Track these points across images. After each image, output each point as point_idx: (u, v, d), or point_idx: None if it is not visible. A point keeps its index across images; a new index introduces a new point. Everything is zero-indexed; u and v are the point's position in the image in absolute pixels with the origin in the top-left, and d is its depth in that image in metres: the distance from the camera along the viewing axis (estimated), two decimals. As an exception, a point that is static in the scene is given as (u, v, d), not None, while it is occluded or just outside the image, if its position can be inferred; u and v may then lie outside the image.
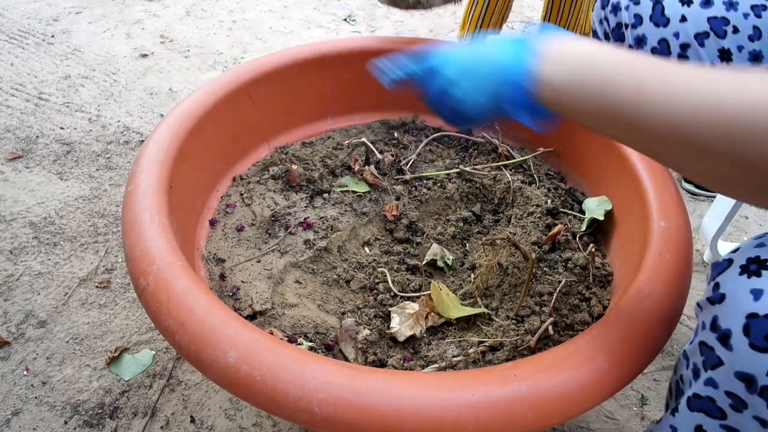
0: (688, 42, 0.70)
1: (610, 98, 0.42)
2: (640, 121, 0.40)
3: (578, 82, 0.44)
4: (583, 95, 0.44)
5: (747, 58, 0.67)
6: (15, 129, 1.38)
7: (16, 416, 0.83)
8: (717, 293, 0.43)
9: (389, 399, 0.43)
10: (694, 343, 0.46)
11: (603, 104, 0.43)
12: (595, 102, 0.43)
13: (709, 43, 0.69)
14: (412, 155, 0.89)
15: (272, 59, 0.85)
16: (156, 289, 0.50)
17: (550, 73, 0.46)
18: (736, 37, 0.67)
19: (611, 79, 0.42)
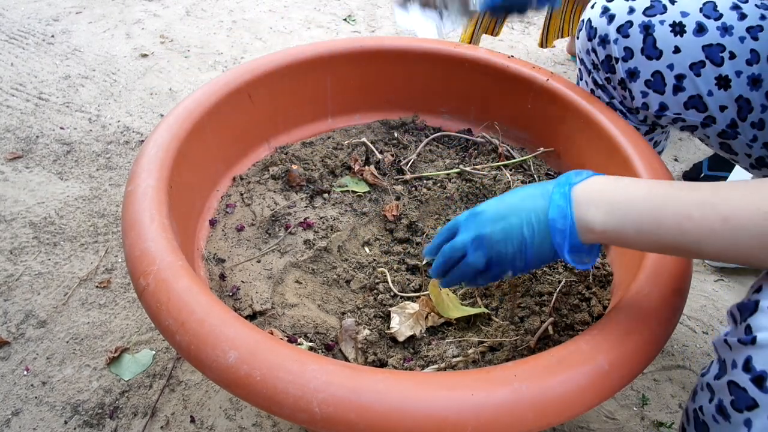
0: (683, 73, 0.69)
1: (656, 240, 0.45)
2: (690, 251, 0.44)
3: (619, 225, 0.46)
4: (626, 236, 0.46)
5: (746, 83, 0.66)
6: (15, 129, 1.38)
7: (16, 416, 0.83)
8: (749, 336, 0.43)
9: (389, 399, 0.43)
10: (722, 381, 0.46)
11: (649, 243, 0.46)
12: (640, 241, 0.46)
13: (705, 72, 0.68)
14: (412, 155, 0.89)
15: (272, 59, 0.85)
16: (156, 289, 0.50)
17: (590, 217, 0.47)
18: (734, 63, 0.66)
19: (653, 221, 0.45)
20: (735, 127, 0.70)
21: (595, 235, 0.47)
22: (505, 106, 0.92)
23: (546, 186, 0.51)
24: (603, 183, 0.48)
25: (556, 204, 0.48)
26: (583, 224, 0.47)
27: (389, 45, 0.92)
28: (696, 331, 1.04)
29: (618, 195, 0.47)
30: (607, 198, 0.47)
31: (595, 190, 0.48)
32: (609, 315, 0.52)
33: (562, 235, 0.48)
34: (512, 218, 0.51)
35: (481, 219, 0.53)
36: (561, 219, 0.48)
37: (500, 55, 0.91)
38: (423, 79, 0.94)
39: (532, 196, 0.51)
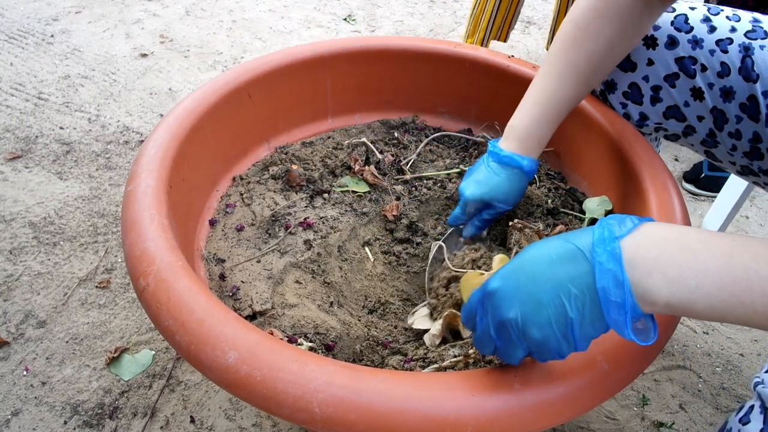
0: (659, 84, 0.70)
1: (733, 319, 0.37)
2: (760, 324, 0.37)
3: (688, 299, 0.37)
4: (695, 311, 0.38)
5: (718, 95, 0.67)
6: (14, 129, 1.38)
7: (16, 416, 0.83)
8: None
9: (389, 399, 0.43)
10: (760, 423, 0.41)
11: (724, 320, 0.38)
12: (712, 317, 0.38)
13: (680, 84, 0.69)
14: (412, 155, 0.89)
15: (272, 59, 0.85)
16: (156, 289, 0.50)
17: (651, 287, 0.37)
18: (706, 75, 0.67)
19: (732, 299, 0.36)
20: (714, 137, 0.71)
21: (657, 308, 0.38)
22: (505, 106, 0.91)
23: (579, 240, 0.40)
24: (662, 238, 0.38)
25: (605, 268, 0.38)
26: (641, 294, 0.37)
27: (389, 45, 0.92)
28: (696, 331, 1.04)
29: (687, 261, 0.37)
30: (672, 262, 0.37)
31: (653, 248, 0.38)
32: (609, 315, 0.52)
33: (621, 309, 0.38)
34: (542, 294, 0.39)
35: (499, 301, 0.41)
36: (616, 289, 0.37)
37: (500, 55, 0.91)
38: (423, 79, 0.94)
39: (565, 257, 0.39)
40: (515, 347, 0.42)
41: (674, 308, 0.38)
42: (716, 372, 0.97)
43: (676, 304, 0.37)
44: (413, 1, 2.17)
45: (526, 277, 0.40)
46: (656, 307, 0.38)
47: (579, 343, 0.40)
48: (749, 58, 0.64)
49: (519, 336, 0.41)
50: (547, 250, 0.41)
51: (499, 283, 0.41)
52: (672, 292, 0.37)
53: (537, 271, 0.40)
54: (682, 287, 0.37)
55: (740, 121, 0.67)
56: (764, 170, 0.70)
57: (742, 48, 0.65)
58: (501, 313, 0.41)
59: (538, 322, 0.40)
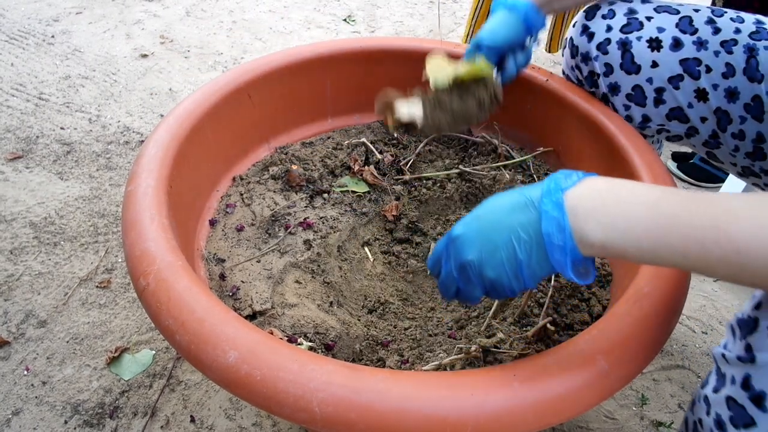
0: (663, 86, 0.70)
1: (660, 260, 0.41)
2: (696, 271, 0.41)
3: (620, 242, 0.41)
4: (627, 254, 0.42)
5: (723, 96, 0.67)
6: (15, 129, 1.38)
7: (17, 416, 0.83)
8: (750, 354, 0.42)
9: (389, 399, 0.43)
10: (720, 395, 0.45)
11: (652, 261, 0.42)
12: (642, 259, 0.42)
13: (683, 85, 0.69)
14: (412, 155, 0.89)
15: (272, 59, 0.85)
16: (156, 289, 0.50)
17: (588, 232, 0.42)
18: (710, 76, 0.67)
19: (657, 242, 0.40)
20: (717, 138, 0.71)
21: (594, 250, 0.42)
22: (505, 106, 0.92)
23: (530, 193, 0.45)
24: (600, 190, 0.43)
25: (550, 215, 0.42)
26: (580, 238, 0.42)
27: (389, 45, 0.92)
28: (695, 331, 1.04)
29: (618, 208, 0.41)
30: (606, 210, 0.42)
31: (591, 198, 0.42)
32: (608, 315, 0.53)
33: (562, 251, 0.42)
34: (497, 238, 0.44)
35: (461, 245, 0.46)
36: (558, 233, 0.42)
37: (500, 55, 0.91)
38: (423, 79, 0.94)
39: (516, 207, 0.45)
40: (474, 287, 0.47)
41: (609, 251, 0.42)
42: (716, 372, 0.97)
43: (609, 246, 0.42)
44: (413, 2, 2.17)
45: (485, 224, 0.46)
46: (593, 249, 0.42)
47: (527, 281, 0.45)
48: (754, 59, 0.65)
49: (477, 276, 0.46)
50: (504, 200, 0.46)
51: (462, 230, 0.47)
52: (605, 236, 0.41)
53: (494, 218, 0.45)
54: (613, 232, 0.41)
55: (744, 122, 0.67)
56: (765, 170, 0.70)
57: (746, 49, 0.65)
58: (462, 256, 0.46)
59: (493, 263, 0.45)
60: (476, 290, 0.47)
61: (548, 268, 0.44)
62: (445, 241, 0.48)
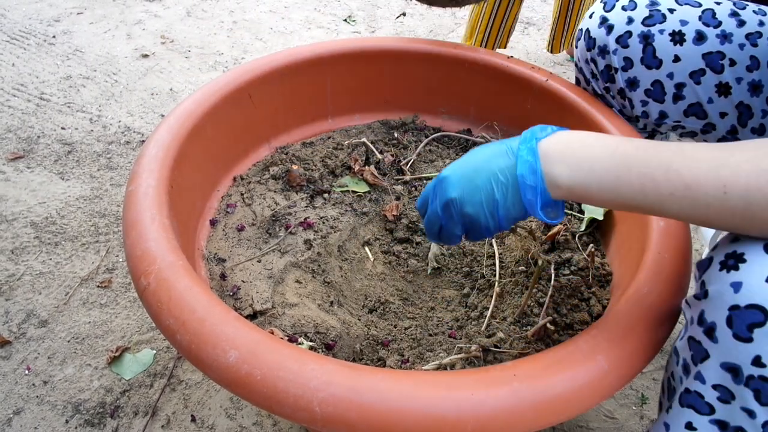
0: (684, 82, 0.69)
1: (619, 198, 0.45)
2: (652, 211, 0.45)
3: (584, 182, 0.46)
4: (590, 194, 0.46)
5: (747, 89, 0.66)
6: (16, 129, 1.38)
7: (18, 415, 0.83)
8: (702, 290, 0.44)
9: (389, 398, 0.43)
10: (684, 339, 0.47)
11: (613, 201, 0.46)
12: (604, 199, 0.46)
13: (705, 80, 0.68)
14: (412, 155, 0.89)
15: (272, 59, 0.85)
16: (157, 289, 0.50)
17: (556, 173, 0.46)
18: (734, 70, 0.66)
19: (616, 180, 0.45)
20: (735, 133, 0.70)
21: (562, 192, 0.47)
22: (505, 106, 0.92)
23: (510, 142, 0.50)
24: (569, 138, 0.48)
25: (524, 160, 0.47)
26: (550, 180, 0.47)
27: (389, 45, 0.93)
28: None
29: (583, 152, 0.46)
30: (573, 154, 0.46)
31: (561, 144, 0.47)
32: (608, 315, 0.53)
33: (534, 191, 0.47)
34: (478, 179, 0.50)
35: (446, 185, 0.52)
36: (531, 175, 0.47)
37: (500, 55, 0.91)
38: (423, 79, 0.95)
39: (497, 154, 0.50)
40: (455, 224, 0.52)
41: (575, 191, 0.46)
42: (716, 371, 0.97)
43: (575, 186, 0.46)
44: (413, 2, 2.17)
45: (469, 167, 0.51)
46: (562, 191, 0.47)
47: (502, 221, 0.50)
48: None
49: (458, 213, 0.51)
50: (488, 149, 0.51)
51: (448, 172, 0.52)
52: (571, 176, 0.46)
53: (477, 163, 0.51)
54: (578, 172, 0.46)
55: (765, 116, 0.66)
56: None
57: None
58: (446, 194, 0.51)
59: (472, 202, 0.50)
60: (456, 228, 0.52)
61: (521, 209, 0.49)
62: (434, 183, 0.54)
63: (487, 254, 0.76)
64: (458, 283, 0.75)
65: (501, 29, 1.47)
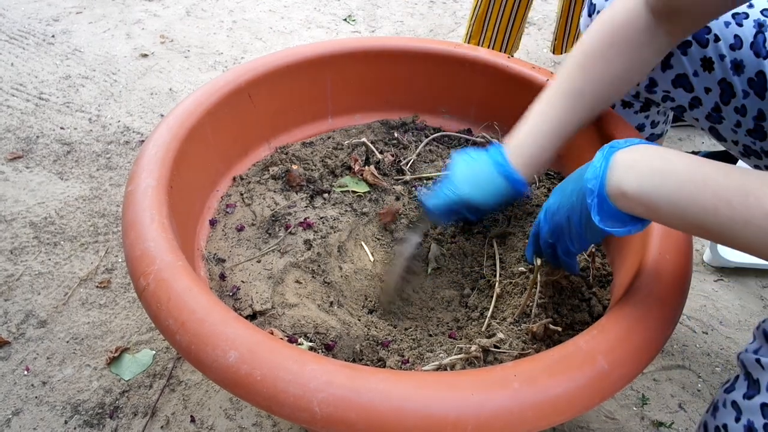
0: (672, 50, 0.69)
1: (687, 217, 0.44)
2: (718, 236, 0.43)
3: (653, 193, 0.44)
4: (657, 207, 0.45)
5: (729, 67, 0.67)
6: (15, 129, 1.38)
7: (17, 416, 0.83)
8: None
9: (389, 399, 0.43)
10: (754, 402, 0.44)
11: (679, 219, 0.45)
12: (670, 215, 0.45)
13: (691, 52, 0.68)
14: (412, 155, 0.89)
15: (272, 59, 0.85)
16: (156, 289, 0.50)
17: (624, 181, 0.46)
18: (717, 46, 0.67)
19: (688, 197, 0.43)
20: (719, 111, 0.71)
21: (627, 201, 0.46)
22: (506, 106, 0.92)
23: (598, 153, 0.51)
24: (647, 149, 0.47)
25: (594, 166, 0.48)
26: (615, 187, 0.46)
27: (389, 45, 0.92)
28: (696, 331, 1.04)
29: (659, 163, 0.45)
30: (647, 164, 0.45)
31: (637, 153, 0.47)
32: (609, 315, 0.53)
33: (592, 195, 0.47)
34: (568, 187, 0.54)
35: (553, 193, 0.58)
36: (593, 179, 0.47)
37: (500, 55, 0.91)
38: (423, 79, 0.94)
39: (588, 164, 0.51)
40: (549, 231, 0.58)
41: (644, 201, 0.45)
42: (716, 372, 0.97)
43: (644, 197, 0.45)
44: (413, 2, 2.17)
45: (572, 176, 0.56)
46: (628, 199, 0.46)
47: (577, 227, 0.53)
48: (762, 35, 0.64)
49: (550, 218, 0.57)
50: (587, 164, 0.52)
51: None
52: (640, 185, 0.45)
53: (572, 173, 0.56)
54: (648, 182, 0.45)
55: (747, 96, 0.67)
56: (766, 151, 0.69)
57: (756, 24, 0.65)
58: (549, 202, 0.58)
59: (562, 206, 0.55)
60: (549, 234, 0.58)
61: (586, 211, 0.50)
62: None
63: (487, 254, 0.76)
64: (458, 283, 0.75)
65: (508, 33, 1.46)
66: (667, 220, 0.46)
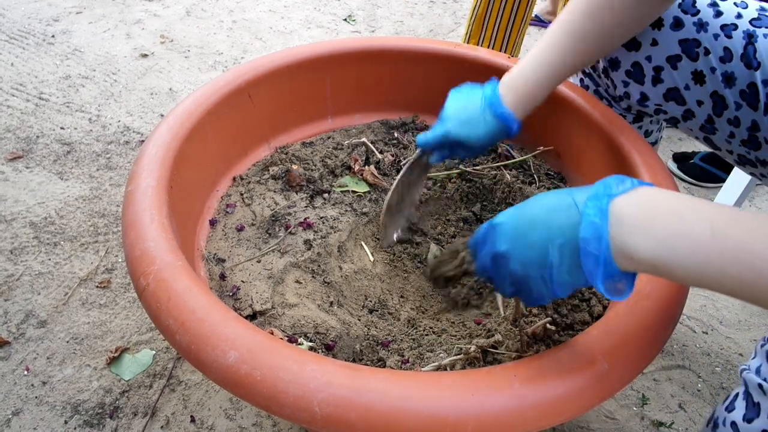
0: (661, 65, 0.70)
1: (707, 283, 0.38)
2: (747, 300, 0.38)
3: (667, 259, 0.38)
4: (672, 272, 0.38)
5: (720, 80, 0.67)
6: (15, 129, 1.38)
7: (17, 416, 0.83)
8: None
9: (389, 399, 0.43)
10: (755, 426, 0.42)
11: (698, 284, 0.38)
12: (687, 280, 0.39)
13: (682, 66, 0.68)
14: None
15: (272, 59, 0.85)
16: (156, 289, 0.50)
17: (633, 244, 0.38)
18: (708, 59, 0.67)
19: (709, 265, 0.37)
20: (712, 123, 0.71)
21: (635, 264, 0.39)
22: (505, 106, 0.92)
23: (577, 194, 0.42)
24: (653, 202, 0.39)
25: (590, 221, 0.40)
26: (621, 249, 0.39)
27: (389, 45, 0.92)
28: (696, 331, 1.04)
29: (668, 220, 0.38)
30: (661, 225, 0.38)
31: (644, 208, 0.39)
32: (609, 315, 0.53)
33: (596, 261, 0.39)
34: (533, 235, 0.42)
35: (497, 235, 0.45)
36: (594, 241, 0.39)
37: (500, 54, 0.91)
38: (423, 79, 0.94)
39: (560, 206, 0.42)
40: (503, 281, 0.45)
41: (656, 267, 0.39)
42: (715, 372, 0.97)
43: (658, 263, 0.38)
44: (413, 2, 2.17)
45: (525, 218, 0.44)
46: (637, 264, 0.39)
47: (556, 288, 0.42)
48: (752, 46, 0.64)
49: (506, 269, 0.44)
50: (549, 198, 0.44)
51: (502, 219, 0.46)
52: (654, 251, 0.38)
53: (535, 215, 0.43)
54: (665, 249, 0.38)
55: (739, 108, 0.67)
56: (761, 160, 0.69)
57: (746, 35, 0.65)
58: (495, 245, 0.45)
59: (522, 260, 0.43)
60: (505, 285, 0.46)
61: (580, 278, 0.41)
62: (486, 228, 0.47)
63: None
64: (458, 283, 0.75)
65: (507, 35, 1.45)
66: (684, 283, 0.40)
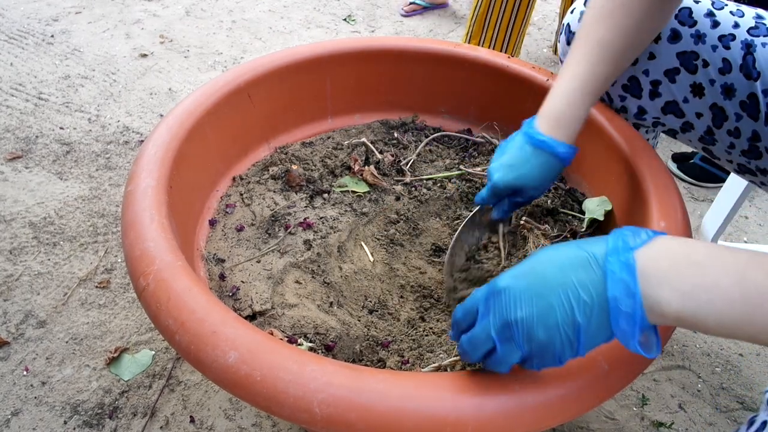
0: (659, 79, 0.69)
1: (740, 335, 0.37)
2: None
3: (698, 313, 0.37)
4: (704, 325, 0.37)
5: (719, 92, 0.66)
6: (14, 129, 1.38)
7: (16, 416, 0.83)
8: None
9: (389, 399, 0.43)
10: None
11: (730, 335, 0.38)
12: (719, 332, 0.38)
13: (680, 79, 0.68)
14: (412, 155, 0.89)
15: (272, 59, 0.85)
16: (156, 289, 0.50)
17: (663, 299, 0.37)
18: (707, 71, 0.66)
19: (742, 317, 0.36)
20: (712, 134, 0.70)
21: (664, 319, 0.38)
22: (505, 106, 0.92)
23: (592, 248, 0.40)
24: (674, 253, 0.38)
25: (618, 278, 0.38)
26: (651, 306, 0.37)
27: (389, 45, 0.92)
28: (695, 332, 1.04)
29: (698, 276, 0.37)
30: (684, 278, 0.37)
31: (665, 261, 0.38)
32: (609, 315, 0.52)
33: (631, 320, 0.37)
34: (552, 296, 0.39)
35: (508, 300, 0.41)
36: (627, 299, 0.37)
37: (500, 55, 0.91)
38: (423, 79, 0.94)
39: (575, 263, 0.40)
40: (514, 351, 0.41)
41: (684, 322, 0.37)
42: (716, 372, 0.97)
43: (686, 317, 0.37)
44: (413, 2, 2.17)
45: (537, 279, 0.40)
46: (665, 319, 0.38)
47: (581, 349, 0.40)
48: (750, 56, 0.64)
49: (523, 337, 0.40)
50: (560, 254, 0.41)
51: (509, 283, 0.41)
52: (682, 306, 0.37)
53: (548, 274, 0.40)
54: (691, 302, 0.37)
55: (740, 119, 0.66)
56: (761, 169, 0.69)
57: (744, 45, 0.64)
58: (509, 312, 0.40)
59: (547, 324, 0.39)
60: (515, 354, 0.41)
61: (607, 337, 0.39)
62: (486, 294, 0.43)
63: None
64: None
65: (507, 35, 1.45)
66: (715, 334, 0.38)
